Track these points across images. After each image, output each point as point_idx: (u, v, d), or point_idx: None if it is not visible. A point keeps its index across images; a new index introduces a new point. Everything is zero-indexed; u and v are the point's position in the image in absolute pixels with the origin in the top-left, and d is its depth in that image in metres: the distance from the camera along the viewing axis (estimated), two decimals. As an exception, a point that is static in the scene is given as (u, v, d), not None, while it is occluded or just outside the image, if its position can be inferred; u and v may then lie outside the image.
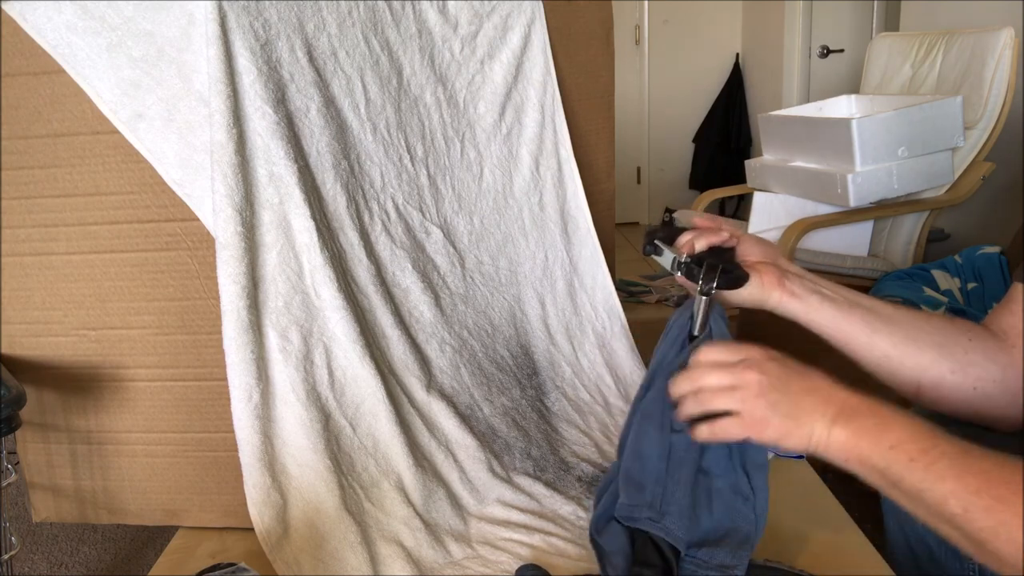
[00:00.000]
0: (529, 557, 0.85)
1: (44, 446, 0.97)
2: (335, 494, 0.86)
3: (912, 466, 0.53)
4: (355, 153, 0.97)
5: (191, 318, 0.90)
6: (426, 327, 1.02)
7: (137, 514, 0.97)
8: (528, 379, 1.12)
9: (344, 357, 0.91)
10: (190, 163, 0.86)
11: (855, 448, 0.57)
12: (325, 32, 0.93)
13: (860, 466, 0.57)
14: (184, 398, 0.93)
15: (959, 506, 0.50)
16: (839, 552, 0.83)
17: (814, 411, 0.59)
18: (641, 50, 4.28)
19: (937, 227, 2.07)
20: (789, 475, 0.98)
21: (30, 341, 0.93)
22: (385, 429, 0.91)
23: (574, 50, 1.21)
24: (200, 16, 0.82)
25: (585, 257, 1.22)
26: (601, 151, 1.27)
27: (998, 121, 1.89)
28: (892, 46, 2.23)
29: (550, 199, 1.19)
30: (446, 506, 0.91)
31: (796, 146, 2.03)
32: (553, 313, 1.19)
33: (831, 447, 0.58)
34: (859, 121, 1.76)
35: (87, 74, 0.84)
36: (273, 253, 0.88)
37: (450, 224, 1.09)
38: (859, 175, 1.77)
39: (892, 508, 0.89)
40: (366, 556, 0.84)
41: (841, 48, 3.49)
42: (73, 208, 0.88)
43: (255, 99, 0.85)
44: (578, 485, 0.98)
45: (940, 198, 1.93)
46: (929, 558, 0.85)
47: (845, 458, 0.57)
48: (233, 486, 0.90)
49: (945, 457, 0.53)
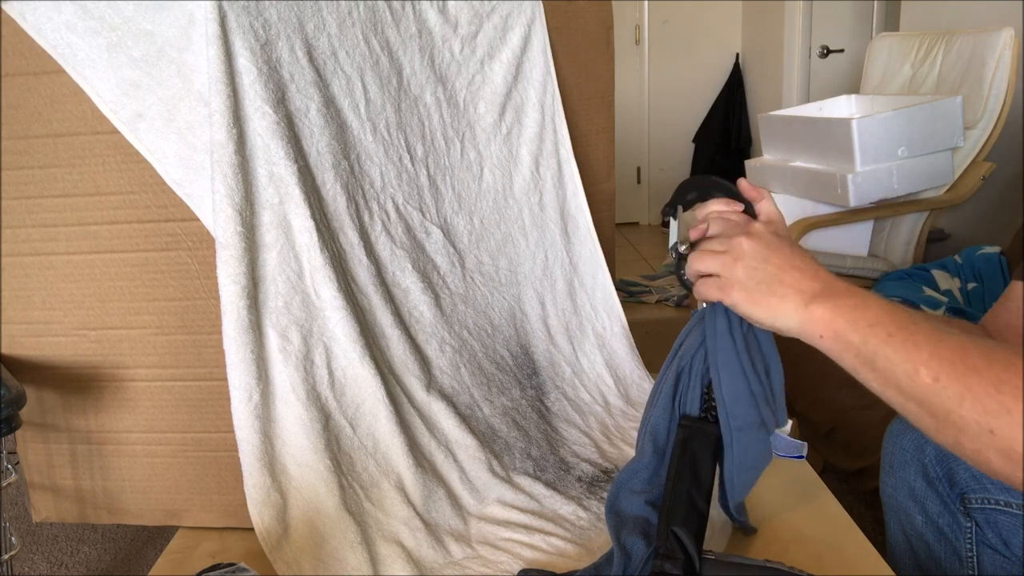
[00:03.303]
0: (529, 557, 0.85)
1: (44, 446, 0.97)
2: (335, 494, 0.86)
3: (890, 340, 0.53)
4: (355, 153, 0.97)
5: (191, 318, 0.90)
6: (426, 327, 1.02)
7: (137, 514, 0.97)
8: (528, 379, 1.12)
9: (344, 357, 0.91)
10: (190, 163, 0.86)
11: (832, 323, 0.56)
12: (325, 32, 0.93)
13: (836, 343, 0.56)
14: (184, 398, 0.93)
15: (930, 375, 0.50)
16: (839, 552, 0.83)
17: (794, 285, 0.59)
18: (641, 50, 4.28)
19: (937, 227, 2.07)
20: (789, 475, 0.98)
21: (30, 341, 0.93)
22: (385, 429, 0.91)
23: (574, 50, 1.21)
24: (200, 16, 0.82)
25: (585, 257, 1.22)
26: (601, 151, 1.27)
27: (998, 121, 1.89)
28: (892, 46, 2.23)
29: (550, 199, 1.19)
30: (446, 506, 0.91)
31: (796, 146, 2.04)
32: (553, 313, 1.19)
33: (808, 322, 0.57)
34: (859, 121, 1.76)
35: (87, 74, 0.84)
36: (273, 253, 0.88)
37: (450, 224, 1.09)
38: (859, 175, 1.77)
39: (892, 508, 0.89)
40: (366, 556, 0.84)
41: (841, 48, 3.49)
42: (73, 208, 0.88)
43: (255, 99, 0.85)
44: (578, 485, 0.98)
45: (940, 198, 1.93)
46: (929, 558, 0.85)
47: (821, 333, 0.57)
48: (233, 486, 0.90)
49: (922, 332, 0.52)
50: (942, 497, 0.81)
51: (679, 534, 0.68)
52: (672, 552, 0.67)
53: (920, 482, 0.83)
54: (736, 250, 0.62)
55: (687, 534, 0.68)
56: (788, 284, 0.59)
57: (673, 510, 0.70)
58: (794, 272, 0.60)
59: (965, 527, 0.80)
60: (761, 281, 0.60)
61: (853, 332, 0.55)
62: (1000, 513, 0.77)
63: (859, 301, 0.56)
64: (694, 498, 0.70)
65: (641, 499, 0.74)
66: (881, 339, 0.53)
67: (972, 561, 0.80)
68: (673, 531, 0.68)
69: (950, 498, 0.81)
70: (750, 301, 0.61)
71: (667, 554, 0.67)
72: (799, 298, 0.58)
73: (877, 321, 0.54)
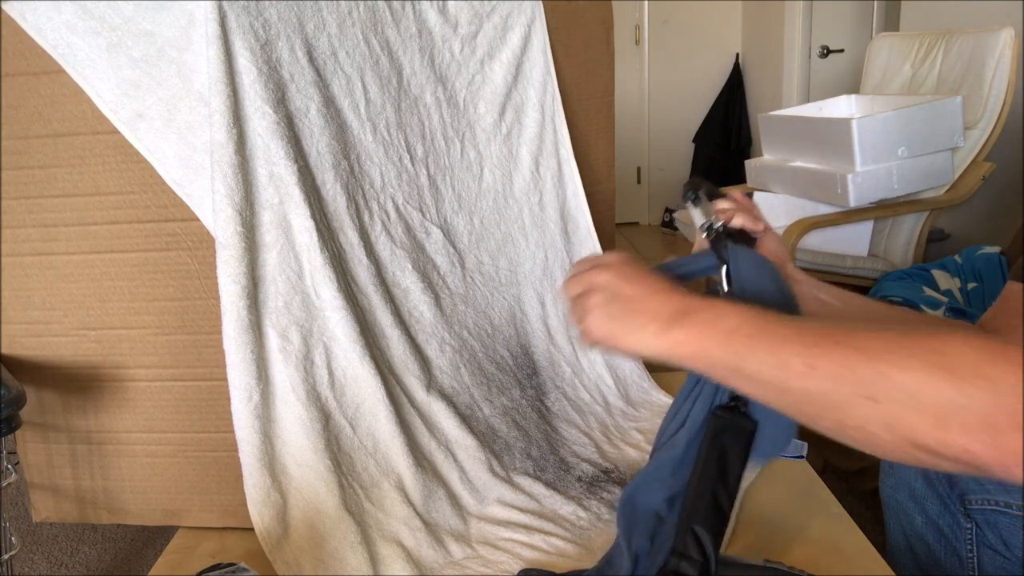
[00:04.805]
0: (529, 557, 0.85)
1: (44, 446, 0.97)
2: (335, 494, 0.86)
3: (752, 342, 0.52)
4: (355, 153, 0.97)
5: (191, 318, 0.90)
6: (426, 327, 1.02)
7: (137, 514, 0.97)
8: (528, 379, 1.12)
9: (344, 357, 0.91)
10: (190, 163, 0.86)
11: (693, 342, 0.55)
12: (325, 32, 0.93)
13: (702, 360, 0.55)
14: (184, 398, 0.93)
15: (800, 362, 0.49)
16: (839, 552, 0.83)
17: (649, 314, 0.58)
18: (641, 50, 4.28)
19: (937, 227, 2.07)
20: (789, 475, 0.98)
21: (30, 341, 0.93)
22: (385, 429, 0.91)
23: (574, 50, 1.21)
24: (200, 16, 0.82)
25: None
26: (601, 151, 1.27)
27: (998, 121, 1.89)
28: (892, 46, 2.23)
29: (550, 199, 1.19)
30: (446, 506, 0.91)
31: (796, 146, 2.04)
32: (553, 313, 1.19)
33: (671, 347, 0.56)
34: (859, 121, 1.76)
35: (87, 74, 0.84)
36: (273, 253, 0.87)
37: (450, 224, 1.09)
38: (859, 175, 1.77)
39: (892, 508, 0.89)
40: (366, 556, 0.84)
41: (841, 48, 3.49)
42: (73, 208, 0.88)
43: (255, 99, 0.85)
44: (578, 485, 0.98)
45: (940, 198, 1.93)
46: (929, 557, 0.85)
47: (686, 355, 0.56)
48: (233, 486, 0.89)
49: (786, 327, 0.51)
50: (942, 498, 0.81)
51: (698, 533, 0.65)
52: (689, 552, 0.64)
53: (920, 482, 0.83)
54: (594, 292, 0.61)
55: (707, 534, 0.64)
56: (643, 312, 0.58)
57: (695, 507, 0.67)
58: (648, 300, 0.59)
59: (965, 528, 0.80)
60: (615, 316, 0.60)
61: (715, 345, 0.54)
62: (1000, 514, 0.76)
63: (716, 313, 0.55)
64: (718, 496, 0.67)
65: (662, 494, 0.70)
66: (743, 343, 0.52)
67: (972, 562, 0.80)
68: (693, 529, 0.65)
69: (950, 499, 0.81)
70: (611, 337, 0.59)
71: (684, 553, 0.64)
72: (656, 326, 0.57)
73: (736, 327, 0.53)
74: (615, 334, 0.59)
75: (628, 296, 0.60)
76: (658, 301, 0.59)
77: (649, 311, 0.58)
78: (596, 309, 0.61)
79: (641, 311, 0.59)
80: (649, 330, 0.57)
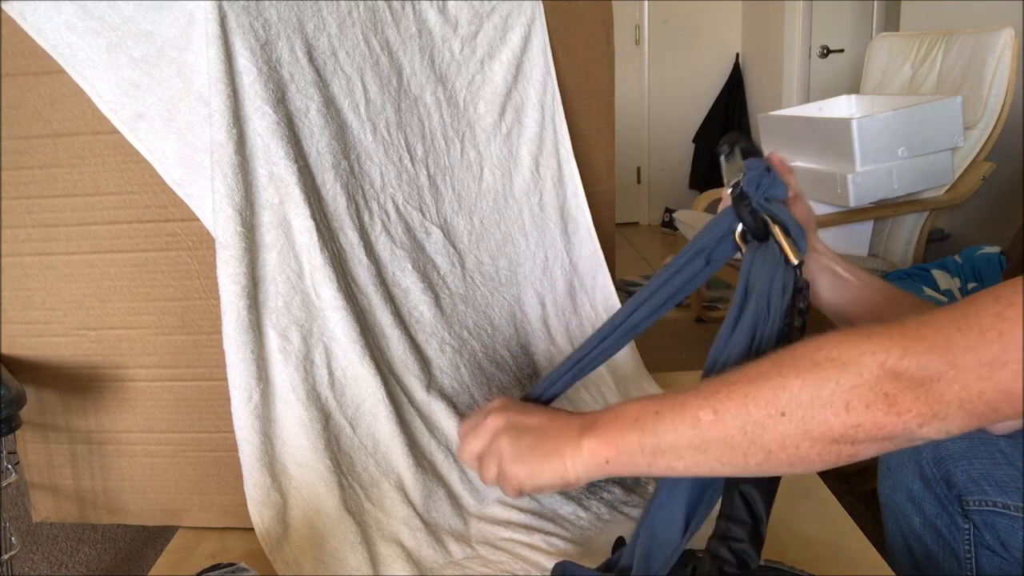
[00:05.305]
0: (529, 557, 0.85)
1: (44, 446, 0.97)
2: (335, 494, 0.86)
3: (660, 417, 0.52)
4: (355, 153, 0.97)
5: (191, 318, 0.90)
6: (426, 327, 1.02)
7: (137, 514, 0.97)
8: (528, 379, 1.12)
9: (344, 357, 0.91)
10: (190, 163, 0.86)
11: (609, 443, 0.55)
12: (325, 32, 0.93)
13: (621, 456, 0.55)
14: (184, 398, 0.93)
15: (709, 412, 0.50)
16: (839, 552, 0.84)
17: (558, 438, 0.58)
18: (641, 50, 4.28)
19: (937, 227, 2.07)
20: (789, 476, 0.98)
21: (30, 341, 0.93)
22: (385, 429, 0.91)
23: (574, 50, 1.21)
24: (200, 16, 0.82)
25: (585, 257, 1.22)
26: (601, 151, 1.27)
27: (998, 121, 1.90)
28: (892, 46, 2.24)
29: (550, 199, 1.19)
30: (446, 506, 0.91)
31: (796, 146, 2.04)
32: (553, 313, 1.19)
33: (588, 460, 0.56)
34: (859, 121, 1.76)
35: (87, 74, 0.84)
36: (273, 253, 0.88)
37: (450, 224, 1.09)
38: (859, 175, 1.77)
39: (890, 509, 0.89)
40: (366, 556, 0.84)
41: (841, 48, 3.49)
42: (73, 208, 0.88)
43: (255, 99, 0.85)
44: (578, 485, 0.98)
45: (940, 198, 1.93)
46: (927, 558, 0.85)
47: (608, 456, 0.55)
48: (233, 486, 0.90)
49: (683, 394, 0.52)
50: (940, 499, 0.81)
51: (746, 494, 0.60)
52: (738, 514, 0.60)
53: (917, 484, 0.83)
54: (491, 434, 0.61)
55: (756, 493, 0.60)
56: (552, 436, 0.58)
57: None
58: (551, 425, 0.60)
59: (963, 529, 0.80)
60: (529, 450, 0.59)
61: (629, 433, 0.54)
62: (998, 515, 0.77)
63: (617, 411, 0.56)
64: None
65: None
66: (653, 420, 0.53)
67: (971, 562, 0.81)
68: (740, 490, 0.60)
69: (948, 500, 0.81)
70: (532, 474, 0.58)
71: (732, 515, 0.60)
72: (569, 444, 0.57)
73: (641, 412, 0.54)
74: (534, 468, 0.59)
75: (532, 427, 0.61)
76: (561, 423, 0.60)
77: (558, 434, 0.59)
78: (507, 450, 0.60)
79: (550, 435, 0.59)
80: (565, 451, 0.57)
